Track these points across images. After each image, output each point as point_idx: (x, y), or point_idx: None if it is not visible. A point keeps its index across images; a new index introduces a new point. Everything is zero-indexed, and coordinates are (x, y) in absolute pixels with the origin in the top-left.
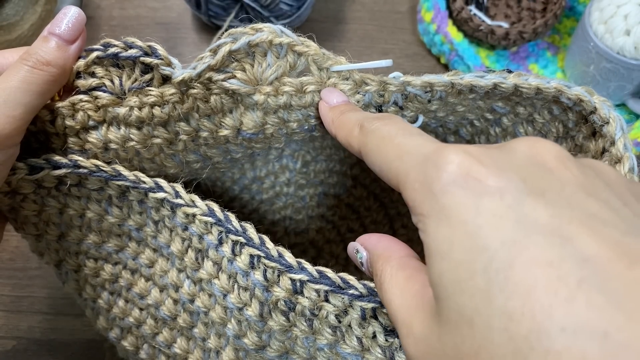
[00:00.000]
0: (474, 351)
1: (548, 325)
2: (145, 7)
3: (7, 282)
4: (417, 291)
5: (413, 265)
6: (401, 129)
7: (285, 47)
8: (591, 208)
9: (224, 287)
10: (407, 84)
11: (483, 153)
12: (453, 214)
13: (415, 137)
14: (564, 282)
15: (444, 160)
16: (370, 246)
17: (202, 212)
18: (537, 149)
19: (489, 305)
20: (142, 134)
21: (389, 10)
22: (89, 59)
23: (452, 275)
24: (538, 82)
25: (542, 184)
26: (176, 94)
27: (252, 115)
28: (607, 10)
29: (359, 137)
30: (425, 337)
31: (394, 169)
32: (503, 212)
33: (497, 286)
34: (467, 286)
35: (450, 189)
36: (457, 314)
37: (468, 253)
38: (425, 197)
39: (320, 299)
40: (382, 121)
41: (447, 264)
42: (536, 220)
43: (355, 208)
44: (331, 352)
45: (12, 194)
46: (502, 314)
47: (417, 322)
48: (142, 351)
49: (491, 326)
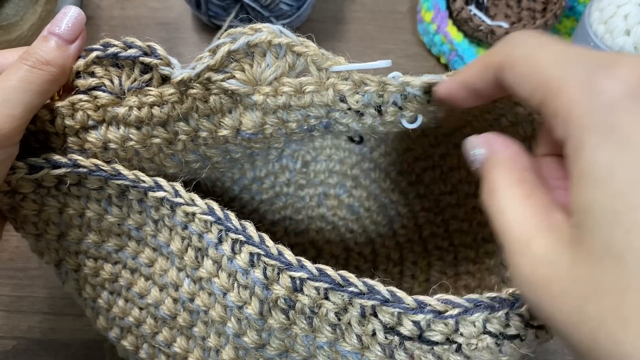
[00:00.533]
0: (618, 289)
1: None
2: (145, 7)
3: (7, 282)
4: (539, 211)
5: (534, 182)
6: (555, 39)
7: (284, 47)
8: None
9: (224, 285)
10: (407, 85)
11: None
12: (624, 134)
13: (575, 46)
14: None
15: (621, 68)
16: (494, 147)
17: (202, 210)
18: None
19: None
20: (142, 134)
21: (389, 10)
22: (88, 59)
23: (607, 205)
24: None
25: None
26: (175, 94)
27: (251, 116)
28: (607, 10)
29: (503, 49)
30: (551, 262)
31: (546, 76)
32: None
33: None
34: (625, 220)
35: (627, 103)
36: (603, 247)
37: (634, 183)
38: (589, 109)
39: (320, 297)
40: (528, 34)
41: (602, 191)
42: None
43: (355, 208)
44: (331, 350)
45: (12, 194)
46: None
47: (538, 242)
48: (142, 351)
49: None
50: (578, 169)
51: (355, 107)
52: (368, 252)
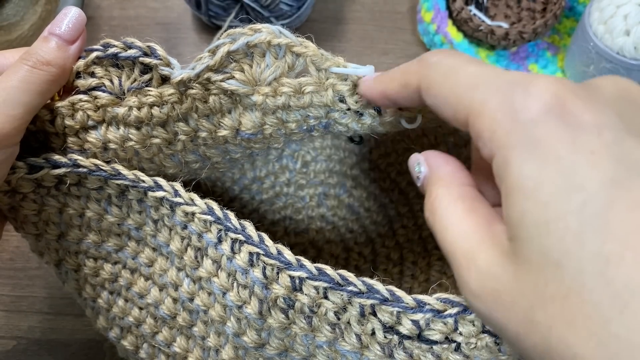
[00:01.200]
0: (561, 295)
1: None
2: (146, 7)
3: (7, 282)
4: (481, 225)
5: (474, 196)
6: (470, 58)
7: (283, 47)
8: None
9: (223, 285)
10: None
11: (576, 85)
12: (546, 148)
13: (490, 66)
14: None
15: (537, 88)
16: (433, 165)
17: (201, 210)
18: (624, 86)
19: (581, 248)
20: (141, 134)
21: (389, 10)
22: (88, 59)
23: (538, 216)
24: None
25: (637, 122)
26: (175, 94)
27: (250, 116)
28: (607, 10)
29: (420, 71)
30: (495, 275)
31: (466, 100)
32: (602, 149)
33: (592, 228)
34: (556, 227)
35: (544, 119)
36: (540, 256)
37: (560, 192)
38: (510, 128)
39: (320, 296)
40: (444, 53)
41: (532, 202)
42: (637, 160)
43: (355, 209)
44: (330, 350)
45: (12, 193)
46: (597, 257)
47: (482, 256)
48: (142, 350)
49: (583, 270)
50: (507, 184)
51: (355, 107)
52: (368, 252)
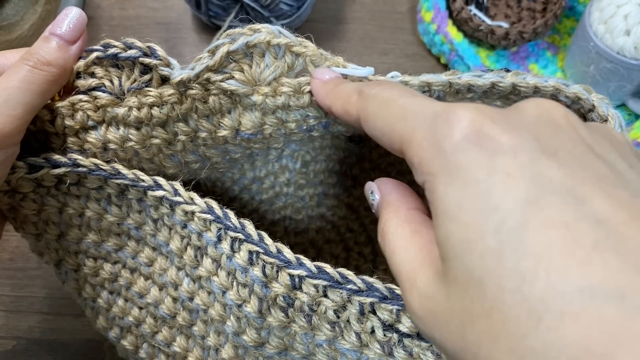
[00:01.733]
0: (485, 312)
1: (564, 286)
2: (145, 7)
3: (7, 282)
4: (423, 246)
5: (421, 219)
6: (403, 90)
7: (283, 47)
8: (601, 169)
9: (223, 284)
10: (405, 84)
11: (494, 111)
12: (465, 173)
13: (419, 98)
14: (580, 243)
15: (455, 117)
16: (384, 192)
17: (201, 209)
18: (546, 108)
19: (500, 266)
20: (141, 134)
21: (389, 10)
22: (88, 60)
23: (461, 236)
24: (536, 81)
25: (554, 143)
26: (175, 94)
27: (250, 116)
28: (607, 10)
29: (358, 103)
30: (432, 295)
31: (398, 130)
32: (517, 170)
33: (510, 246)
34: (477, 247)
35: (462, 146)
36: (465, 274)
37: (479, 213)
38: (435, 155)
39: (319, 295)
40: (381, 86)
41: (455, 224)
42: (551, 179)
43: (355, 208)
44: (330, 348)
45: (12, 193)
46: (515, 274)
47: (422, 277)
48: (142, 350)
49: (503, 287)
50: (434, 207)
51: None
52: (368, 251)
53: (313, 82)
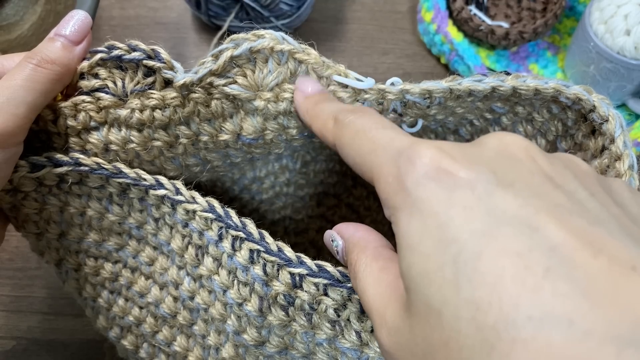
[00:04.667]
0: (443, 342)
1: (515, 314)
2: (145, 7)
3: (6, 282)
4: (391, 282)
5: (387, 255)
6: (375, 122)
7: (286, 54)
8: (559, 198)
9: (224, 282)
10: (406, 92)
11: (455, 148)
12: (425, 207)
13: (389, 131)
14: (531, 271)
15: (416, 154)
16: (346, 235)
17: (203, 208)
18: (506, 142)
19: (456, 296)
20: (143, 137)
21: (389, 10)
22: (92, 61)
23: (421, 267)
24: (536, 83)
25: (511, 175)
26: (177, 97)
27: (252, 121)
28: (607, 10)
29: (334, 130)
30: (398, 328)
31: (368, 163)
32: (473, 203)
33: (465, 277)
34: (436, 277)
35: (422, 181)
36: (425, 305)
37: (437, 245)
38: (398, 190)
39: (320, 293)
40: (356, 114)
41: (416, 256)
42: (505, 210)
43: (355, 208)
44: (330, 347)
45: (14, 192)
46: (470, 304)
47: (389, 312)
48: (142, 350)
49: (459, 316)
50: (398, 240)
51: None
52: None
53: (296, 93)
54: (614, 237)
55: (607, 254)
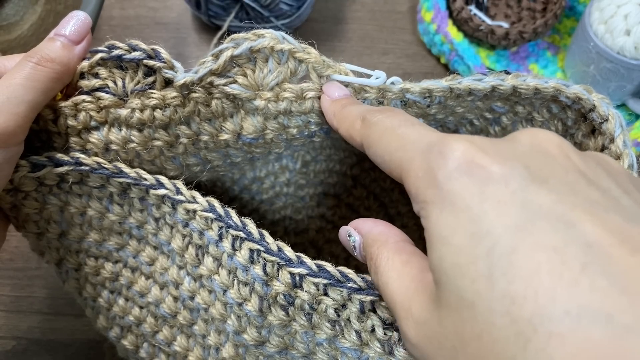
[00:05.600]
0: (476, 334)
1: (551, 308)
2: (145, 7)
3: (7, 282)
4: (415, 275)
5: (409, 249)
6: (403, 120)
7: (286, 53)
8: (593, 195)
9: (224, 282)
10: (406, 91)
11: (486, 142)
12: (457, 200)
13: (418, 127)
14: (568, 266)
15: (448, 148)
16: (365, 230)
17: (203, 207)
18: (540, 138)
19: (491, 289)
20: (143, 136)
21: (389, 10)
22: (92, 60)
23: (453, 260)
24: (536, 83)
25: (545, 171)
26: (178, 97)
27: (252, 120)
28: (607, 10)
29: (361, 130)
30: (426, 321)
31: (397, 159)
32: (507, 198)
33: (500, 270)
34: (469, 270)
35: (454, 175)
36: (457, 298)
37: (471, 238)
38: (429, 184)
39: (320, 293)
40: (384, 113)
41: (448, 248)
42: (540, 206)
43: (355, 208)
44: (330, 347)
45: (14, 192)
46: (504, 297)
47: (416, 305)
48: (142, 350)
49: (493, 309)
50: (429, 234)
51: None
52: None
53: (323, 98)
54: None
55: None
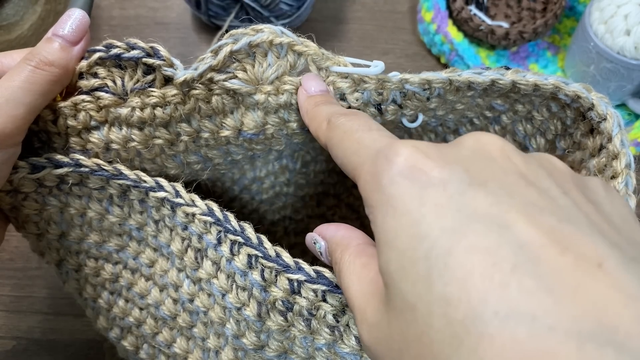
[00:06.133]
0: (417, 336)
1: (482, 309)
2: (145, 7)
3: (7, 282)
4: (372, 278)
5: (369, 252)
6: (362, 124)
7: (285, 47)
8: (530, 196)
9: (223, 286)
10: (405, 82)
11: (431, 147)
12: (399, 204)
13: (373, 132)
14: (499, 267)
15: (393, 152)
16: (328, 235)
17: (202, 211)
18: (482, 142)
19: (429, 292)
20: (144, 135)
21: (389, 10)
22: (91, 60)
23: (397, 263)
24: (536, 79)
25: (485, 174)
26: (178, 94)
27: (253, 115)
28: (607, 10)
29: (326, 132)
30: (377, 323)
31: (352, 162)
32: (445, 201)
33: (437, 273)
34: (410, 273)
35: (397, 180)
36: (401, 300)
37: (411, 241)
38: (375, 189)
39: (318, 299)
40: (347, 117)
41: (392, 252)
42: (476, 209)
43: (355, 208)
44: (330, 352)
45: (14, 193)
46: (441, 300)
47: (370, 308)
48: (142, 351)
49: (431, 312)
50: (376, 238)
51: (355, 105)
52: None
53: (300, 91)
54: (583, 235)
55: (574, 251)
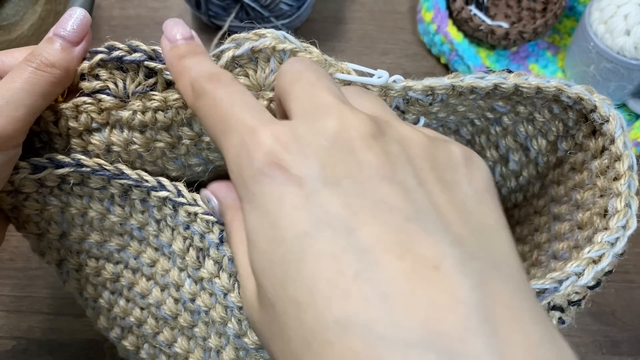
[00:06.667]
0: (279, 332)
1: (327, 317)
2: (145, 7)
3: (7, 282)
4: None
5: None
6: (228, 94)
7: (288, 53)
8: (382, 193)
9: (225, 286)
10: (409, 89)
11: (292, 138)
12: (260, 204)
13: (237, 110)
14: (343, 274)
15: (255, 145)
16: (220, 196)
17: (204, 210)
18: (345, 125)
19: (284, 294)
20: (145, 138)
21: (389, 10)
22: (92, 62)
23: (260, 263)
24: (538, 82)
25: (340, 170)
26: (180, 99)
27: None
28: (607, 10)
29: (192, 101)
30: (253, 305)
31: (220, 144)
32: (300, 203)
33: (290, 277)
34: (269, 275)
35: (257, 178)
36: (266, 297)
37: (270, 244)
38: (240, 183)
39: None
40: (212, 83)
41: (255, 252)
42: (328, 212)
43: None
44: None
45: (15, 193)
46: (294, 303)
47: (250, 287)
48: (143, 351)
49: (287, 313)
50: (245, 231)
51: None
52: None
53: (162, 41)
54: (428, 233)
55: (414, 253)
